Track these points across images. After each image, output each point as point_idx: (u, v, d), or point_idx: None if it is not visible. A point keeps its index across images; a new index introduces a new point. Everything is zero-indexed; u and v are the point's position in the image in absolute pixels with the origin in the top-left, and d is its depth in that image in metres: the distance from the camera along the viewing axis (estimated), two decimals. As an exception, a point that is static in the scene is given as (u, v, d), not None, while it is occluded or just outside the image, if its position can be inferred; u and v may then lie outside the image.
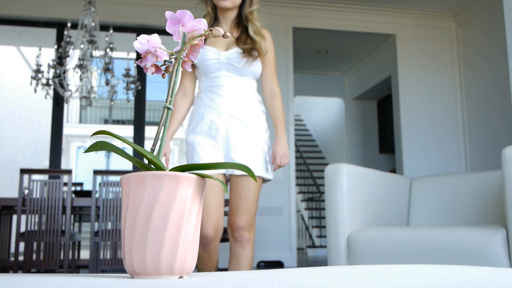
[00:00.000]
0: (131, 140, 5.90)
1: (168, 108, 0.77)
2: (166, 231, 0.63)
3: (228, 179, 2.25)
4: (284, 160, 2.23)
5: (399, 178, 3.02)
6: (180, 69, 0.78)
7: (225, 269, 5.05)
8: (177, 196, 0.64)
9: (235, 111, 2.18)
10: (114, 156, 16.32)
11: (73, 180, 12.87)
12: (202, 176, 0.68)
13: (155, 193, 0.63)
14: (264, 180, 2.27)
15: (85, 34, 4.60)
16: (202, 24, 0.77)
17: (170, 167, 1.51)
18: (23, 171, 3.78)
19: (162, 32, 6.78)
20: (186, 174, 0.66)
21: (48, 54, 8.57)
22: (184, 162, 15.16)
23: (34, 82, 4.65)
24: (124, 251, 0.65)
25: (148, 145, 10.14)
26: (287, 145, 2.27)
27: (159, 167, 0.69)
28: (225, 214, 3.71)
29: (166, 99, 0.79)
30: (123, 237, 0.65)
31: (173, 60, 0.79)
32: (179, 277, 0.68)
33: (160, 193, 0.63)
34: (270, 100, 2.34)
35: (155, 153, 0.74)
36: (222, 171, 2.14)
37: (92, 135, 0.63)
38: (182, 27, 0.75)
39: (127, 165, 15.99)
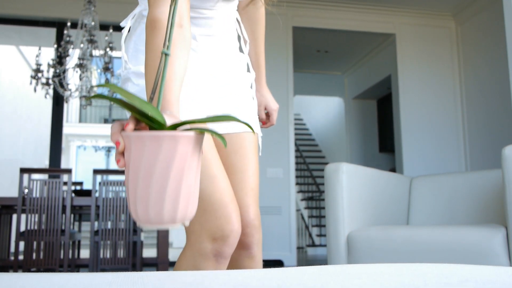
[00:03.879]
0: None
1: (166, 54, 0.70)
2: (167, 187, 0.67)
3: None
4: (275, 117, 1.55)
5: (399, 177, 3.03)
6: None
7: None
8: (176, 155, 0.66)
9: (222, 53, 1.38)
10: (114, 155, 16.34)
11: (73, 180, 12.87)
12: (202, 131, 0.67)
13: (154, 153, 0.66)
14: None
15: (85, 34, 4.60)
16: None
17: None
18: (23, 171, 3.78)
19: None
20: (185, 133, 0.66)
21: (48, 54, 8.57)
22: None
23: (34, 81, 4.65)
24: (129, 204, 0.69)
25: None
26: None
27: (160, 124, 0.70)
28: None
29: (164, 43, 0.71)
30: (127, 192, 0.69)
31: None
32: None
33: (159, 153, 0.66)
34: (252, 23, 1.52)
35: (153, 102, 0.76)
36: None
37: (97, 86, 0.63)
38: None
39: (127, 164, 15.95)
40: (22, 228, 8.35)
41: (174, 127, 0.69)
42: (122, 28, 1.30)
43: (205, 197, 1.10)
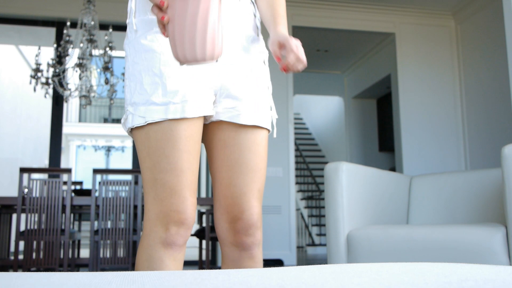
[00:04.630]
0: (131, 139, 5.89)
1: None
2: (197, 26, 0.86)
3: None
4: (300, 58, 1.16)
5: (399, 177, 3.03)
6: None
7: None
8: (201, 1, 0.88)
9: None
10: (114, 155, 16.33)
11: (73, 179, 12.88)
12: None
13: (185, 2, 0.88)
14: None
15: (84, 33, 4.60)
16: None
17: None
18: (22, 170, 3.78)
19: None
20: None
21: (48, 53, 8.57)
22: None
23: (33, 81, 4.65)
24: (173, 51, 0.91)
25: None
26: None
27: None
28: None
29: None
30: (172, 42, 0.91)
31: None
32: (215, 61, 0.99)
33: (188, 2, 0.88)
34: None
35: None
36: (202, 110, 1.17)
37: None
38: None
39: (127, 164, 15.98)
40: (22, 228, 8.36)
41: None
42: (122, 27, 1.30)
43: (165, 188, 1.13)
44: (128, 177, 6.33)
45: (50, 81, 4.71)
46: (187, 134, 1.14)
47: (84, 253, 7.21)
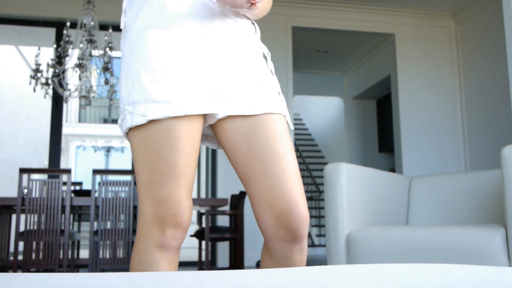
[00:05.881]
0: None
1: None
2: None
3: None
4: None
5: (398, 177, 3.03)
6: None
7: (225, 269, 5.05)
8: None
9: None
10: (113, 155, 16.33)
11: (73, 180, 12.88)
12: None
13: None
14: None
15: (84, 34, 4.60)
16: None
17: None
18: (22, 171, 3.78)
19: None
20: None
21: (47, 54, 8.57)
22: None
23: (33, 81, 4.65)
24: None
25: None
26: None
27: None
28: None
29: None
30: None
31: None
32: None
33: None
34: None
35: None
36: (204, 108, 1.13)
37: None
38: None
39: (127, 164, 15.98)
40: (22, 228, 8.36)
41: None
42: (121, 28, 1.29)
43: (163, 191, 1.10)
44: (128, 177, 6.33)
45: (50, 81, 4.71)
46: (187, 134, 1.10)
47: (84, 253, 7.21)
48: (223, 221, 5.61)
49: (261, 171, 1.13)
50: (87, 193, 4.42)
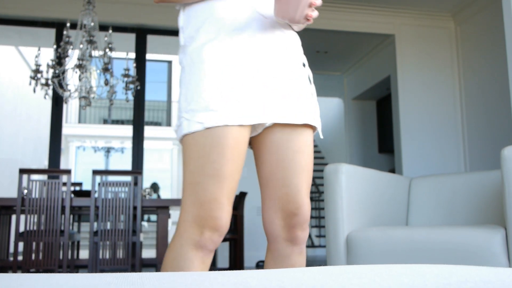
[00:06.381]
0: (131, 140, 5.91)
1: None
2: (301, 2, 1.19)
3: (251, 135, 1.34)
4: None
5: (398, 178, 3.03)
6: None
7: (225, 269, 5.04)
8: None
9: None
10: (113, 156, 16.33)
11: (72, 180, 12.87)
12: None
13: None
14: None
15: (84, 34, 4.60)
16: None
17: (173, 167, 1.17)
18: (22, 171, 3.78)
19: (161, 32, 6.75)
20: None
21: (47, 54, 8.57)
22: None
23: (33, 82, 4.64)
24: (280, 7, 1.19)
25: (147, 145, 10.07)
26: None
27: None
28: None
29: None
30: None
31: None
32: None
33: None
34: None
35: None
36: (256, 118, 1.22)
37: None
38: None
39: (127, 164, 15.98)
40: (21, 229, 8.35)
41: None
42: (122, 28, 1.32)
43: (206, 193, 1.18)
44: (128, 178, 6.33)
45: (49, 82, 4.71)
46: (236, 142, 1.19)
47: (84, 254, 7.21)
48: (223, 221, 5.60)
49: (282, 180, 1.29)
50: (87, 193, 4.42)
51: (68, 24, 4.55)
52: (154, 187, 14.23)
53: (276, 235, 1.31)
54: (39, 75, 4.61)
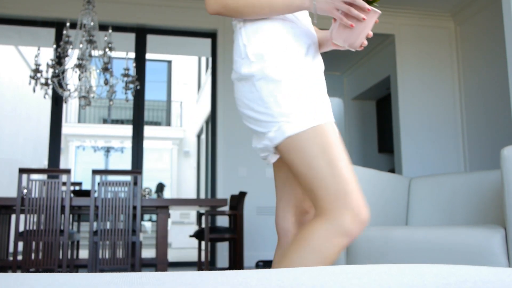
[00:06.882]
0: (130, 140, 5.90)
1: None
2: (362, 33, 1.37)
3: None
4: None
5: (398, 178, 3.03)
6: None
7: (225, 269, 5.05)
8: (371, 20, 1.32)
9: None
10: (113, 156, 16.33)
11: (72, 180, 12.86)
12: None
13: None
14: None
15: (84, 34, 4.60)
16: None
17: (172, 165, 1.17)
18: (22, 171, 3.78)
19: (161, 32, 6.74)
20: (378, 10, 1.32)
21: (47, 54, 8.57)
22: (184, 164, 15.13)
23: (33, 81, 4.64)
24: (343, 36, 1.37)
25: (147, 144, 10.05)
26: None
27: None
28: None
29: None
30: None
31: None
32: None
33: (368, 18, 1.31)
34: None
35: None
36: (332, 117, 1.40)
37: None
38: None
39: (126, 164, 15.98)
40: (21, 229, 8.35)
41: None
42: (121, 28, 1.34)
43: (346, 181, 1.23)
44: (127, 178, 6.32)
45: (49, 81, 4.71)
46: (336, 138, 1.32)
47: (83, 254, 7.20)
48: (222, 221, 5.61)
49: (299, 183, 1.39)
50: (86, 193, 4.42)
51: (68, 24, 4.55)
52: (160, 187, 14.22)
53: (287, 230, 1.45)
54: (38, 75, 4.61)
